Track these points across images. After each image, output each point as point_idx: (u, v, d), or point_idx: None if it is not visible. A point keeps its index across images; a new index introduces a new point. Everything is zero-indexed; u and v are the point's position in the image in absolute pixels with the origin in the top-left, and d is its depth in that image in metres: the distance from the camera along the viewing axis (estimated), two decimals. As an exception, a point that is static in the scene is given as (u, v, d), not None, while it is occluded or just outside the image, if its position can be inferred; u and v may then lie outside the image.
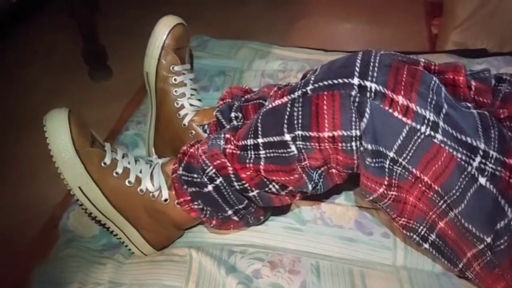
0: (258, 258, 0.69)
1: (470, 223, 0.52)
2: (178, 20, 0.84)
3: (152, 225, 0.69)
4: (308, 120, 0.55)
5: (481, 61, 0.99)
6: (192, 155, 0.66)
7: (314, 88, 0.55)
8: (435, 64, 0.63)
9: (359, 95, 0.52)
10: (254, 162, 0.61)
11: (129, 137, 0.95)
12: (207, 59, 1.17)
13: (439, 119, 0.50)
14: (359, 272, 0.67)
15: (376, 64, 0.53)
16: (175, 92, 0.82)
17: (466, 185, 0.50)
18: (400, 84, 0.51)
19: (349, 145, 0.54)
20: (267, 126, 0.59)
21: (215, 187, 0.65)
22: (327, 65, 0.59)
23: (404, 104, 0.50)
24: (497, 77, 0.64)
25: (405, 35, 1.59)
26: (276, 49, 1.20)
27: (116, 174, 0.65)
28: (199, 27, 1.61)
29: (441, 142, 0.50)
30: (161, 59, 0.82)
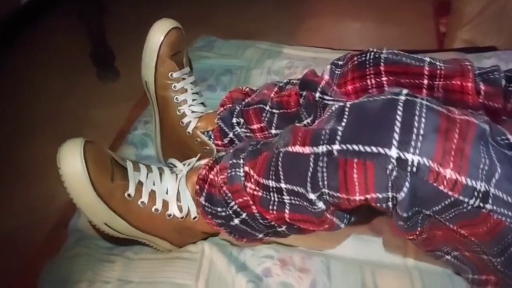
0: (269, 256, 0.68)
1: (506, 269, 0.49)
2: (172, 24, 0.80)
3: (181, 237, 0.69)
4: (335, 182, 0.48)
5: (490, 55, 0.98)
6: (212, 183, 0.63)
7: (342, 150, 0.47)
8: (441, 67, 0.60)
9: (397, 169, 0.44)
10: (278, 208, 0.57)
11: (137, 136, 0.95)
12: (214, 59, 1.17)
13: (490, 186, 0.43)
14: (370, 272, 0.66)
15: (422, 127, 0.44)
16: (176, 100, 0.80)
17: (510, 243, 0.45)
18: (449, 155, 0.43)
19: (385, 205, 0.48)
20: (289, 174, 0.53)
21: (242, 220, 0.62)
22: (356, 112, 0.49)
23: (452, 178, 0.43)
24: (508, 76, 0.61)
25: (413, 34, 1.58)
26: (283, 48, 1.21)
27: (142, 204, 0.63)
28: (206, 27, 1.62)
29: (490, 211, 0.44)
30: (158, 67, 0.79)
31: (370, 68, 0.63)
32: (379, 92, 0.63)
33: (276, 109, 0.73)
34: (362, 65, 0.64)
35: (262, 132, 0.75)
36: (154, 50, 0.78)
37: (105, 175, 0.61)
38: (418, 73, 0.61)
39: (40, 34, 1.89)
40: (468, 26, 1.23)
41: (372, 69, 0.63)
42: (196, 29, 1.51)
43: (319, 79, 0.68)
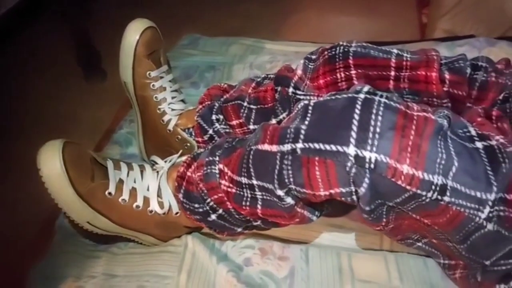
0: (249, 246, 0.71)
1: (470, 254, 0.51)
2: (146, 24, 0.81)
3: (164, 232, 0.71)
4: (300, 179, 0.50)
5: (462, 43, 0.99)
6: (189, 180, 0.64)
7: (304, 149, 0.49)
8: (407, 58, 0.62)
9: (356, 166, 0.46)
10: (251, 204, 0.58)
11: (122, 135, 0.97)
12: (198, 56, 1.19)
13: (448, 179, 0.45)
14: (347, 257, 0.68)
15: (378, 125, 0.46)
16: (155, 99, 0.81)
17: (472, 231, 0.47)
18: (406, 151, 0.45)
19: (349, 198, 0.50)
20: (259, 171, 0.55)
21: (219, 216, 0.64)
22: (319, 111, 0.51)
23: (409, 174, 0.45)
24: (473, 64, 0.63)
25: (397, 25, 1.60)
26: (266, 43, 1.22)
27: (123, 202, 0.64)
28: (192, 25, 1.63)
29: (449, 203, 0.46)
30: (135, 67, 0.80)
31: (339, 62, 0.65)
32: (348, 85, 0.65)
33: (253, 104, 0.75)
34: (332, 59, 0.66)
35: (241, 128, 0.76)
36: (130, 50, 0.79)
37: (85, 175, 0.63)
38: (385, 65, 0.63)
39: (28, 36, 1.90)
40: (447, 16, 1.25)
41: (341, 62, 0.65)
42: (182, 27, 1.52)
43: (292, 75, 0.70)
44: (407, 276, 0.65)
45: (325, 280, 0.65)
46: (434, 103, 0.62)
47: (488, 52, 0.94)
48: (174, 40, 1.32)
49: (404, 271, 0.66)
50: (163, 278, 0.66)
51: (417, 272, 0.65)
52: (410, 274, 0.65)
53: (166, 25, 1.66)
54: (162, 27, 1.65)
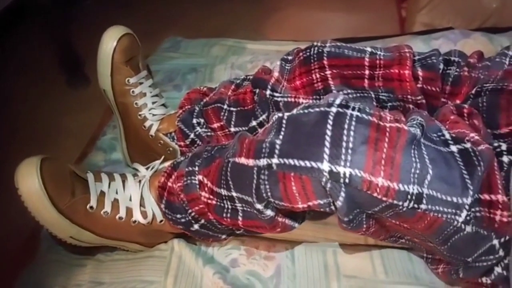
0: (235, 247, 0.71)
1: (451, 254, 0.52)
2: (123, 31, 0.81)
3: (150, 239, 0.71)
4: (278, 194, 0.51)
5: (439, 35, 1.00)
6: (170, 190, 0.64)
7: (280, 164, 0.49)
8: (381, 57, 0.63)
9: (331, 181, 0.47)
10: (232, 215, 0.59)
11: (106, 141, 0.97)
12: (180, 59, 1.20)
13: (423, 187, 0.46)
14: (332, 252, 0.69)
15: (350, 140, 0.46)
16: (136, 105, 0.81)
17: (451, 234, 0.48)
18: (379, 164, 0.45)
19: (328, 209, 0.51)
20: (238, 184, 0.55)
21: (201, 225, 0.64)
22: (292, 126, 0.51)
23: (384, 186, 0.45)
24: (446, 60, 0.64)
25: (377, 20, 1.61)
26: (248, 44, 1.23)
27: (105, 214, 0.64)
28: (175, 27, 1.63)
29: (426, 210, 0.46)
30: (114, 75, 0.80)
31: (314, 63, 0.66)
32: (324, 85, 0.66)
33: (233, 107, 0.75)
34: (307, 60, 0.67)
35: (223, 130, 0.77)
36: (107, 58, 0.79)
37: (64, 190, 0.62)
38: (359, 64, 0.64)
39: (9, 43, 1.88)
40: (425, 9, 1.26)
41: (316, 63, 0.66)
42: (165, 30, 1.52)
43: (269, 77, 0.71)
44: (392, 270, 0.66)
45: (311, 278, 0.66)
46: (408, 99, 0.63)
47: (463, 44, 0.95)
48: (157, 44, 1.32)
49: (389, 264, 0.67)
50: (150, 283, 0.66)
51: (401, 265, 0.66)
52: (395, 267, 0.66)
53: (148, 29, 1.66)
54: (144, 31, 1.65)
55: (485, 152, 0.48)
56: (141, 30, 1.66)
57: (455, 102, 0.62)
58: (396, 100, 0.64)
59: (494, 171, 0.48)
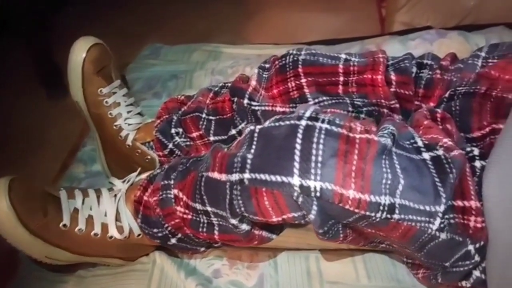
0: (218, 257, 0.71)
1: (428, 259, 0.52)
2: (92, 41, 0.80)
3: (129, 254, 0.70)
4: (251, 208, 0.51)
5: (414, 36, 1.01)
6: (146, 205, 0.64)
7: (251, 180, 0.49)
8: (354, 63, 0.63)
9: (302, 195, 0.47)
10: (208, 230, 0.59)
11: (86, 153, 0.96)
12: (161, 66, 1.19)
13: (395, 197, 0.46)
14: (315, 258, 0.69)
15: (320, 154, 0.46)
16: (110, 115, 0.81)
17: (426, 242, 0.48)
18: (350, 177, 0.45)
19: (303, 221, 0.51)
20: (211, 198, 0.55)
21: (179, 239, 0.64)
22: (263, 140, 0.50)
23: (356, 198, 0.45)
24: (418, 63, 0.65)
25: (359, 20, 1.61)
26: (228, 48, 1.23)
27: (80, 231, 0.63)
28: (157, 33, 1.62)
29: (399, 220, 0.46)
30: (85, 86, 0.79)
31: (290, 71, 0.66)
32: (300, 94, 0.66)
33: (212, 115, 0.75)
34: (283, 69, 0.67)
35: (202, 140, 0.76)
36: (77, 69, 0.78)
37: (35, 210, 0.61)
38: (333, 72, 0.64)
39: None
40: (404, 9, 1.26)
41: (291, 72, 0.66)
42: (146, 36, 1.51)
43: (246, 86, 0.70)
44: (374, 274, 0.66)
45: (295, 285, 0.66)
46: (382, 104, 0.63)
47: (439, 44, 0.96)
48: (140, 51, 1.31)
49: (372, 269, 0.67)
50: (131, 297, 0.66)
51: (384, 269, 0.67)
52: (378, 271, 0.66)
53: (129, 36, 1.65)
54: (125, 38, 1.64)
55: (457, 158, 0.48)
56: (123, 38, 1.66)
57: (429, 104, 0.63)
58: (370, 105, 0.64)
59: (466, 177, 0.48)
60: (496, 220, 0.47)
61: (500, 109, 0.54)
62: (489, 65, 0.59)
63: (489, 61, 0.61)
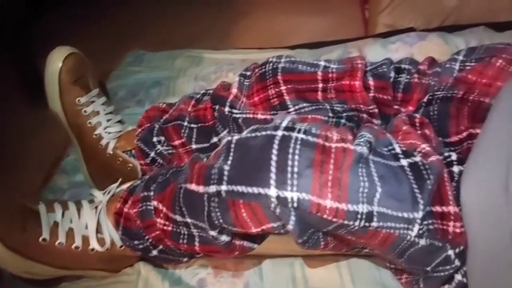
0: (203, 266, 0.70)
1: (409, 265, 0.52)
2: (68, 51, 0.80)
3: (113, 265, 0.69)
4: (230, 220, 0.51)
5: (395, 39, 1.02)
6: (127, 216, 0.63)
7: (228, 191, 0.49)
8: (333, 70, 0.64)
9: (280, 206, 0.47)
10: (188, 242, 0.59)
11: (70, 162, 0.95)
12: (144, 73, 1.18)
13: (373, 205, 0.46)
14: (300, 265, 0.69)
15: (296, 165, 0.46)
16: (89, 124, 0.80)
17: (406, 248, 0.48)
18: (326, 186, 0.46)
19: (282, 230, 0.51)
20: (190, 210, 0.55)
21: (160, 251, 0.63)
22: (240, 151, 0.51)
23: (333, 207, 0.45)
24: (396, 68, 0.66)
25: (342, 22, 1.61)
26: (212, 54, 1.22)
27: (60, 245, 0.62)
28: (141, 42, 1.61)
29: (377, 227, 0.46)
30: (63, 96, 0.79)
31: (269, 79, 0.67)
32: (280, 101, 0.67)
33: (194, 123, 0.74)
34: (263, 77, 0.68)
35: (184, 147, 0.76)
36: (54, 80, 0.79)
37: (13, 226, 0.61)
38: (312, 79, 0.65)
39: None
40: (386, 11, 1.27)
41: (271, 79, 0.67)
42: (130, 43, 1.50)
43: (227, 94, 0.71)
44: (359, 279, 0.66)
45: (280, 292, 0.66)
46: (361, 109, 0.64)
47: (420, 47, 0.96)
48: (123, 58, 1.30)
49: (356, 273, 0.67)
50: (116, 310, 0.65)
51: (369, 274, 0.67)
52: (362, 276, 0.67)
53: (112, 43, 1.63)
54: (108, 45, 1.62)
55: (434, 164, 0.48)
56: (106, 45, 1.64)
57: (407, 108, 0.63)
58: (350, 110, 0.65)
59: (444, 182, 0.48)
60: (474, 224, 0.47)
61: (477, 114, 0.54)
62: (467, 69, 0.60)
63: (466, 65, 0.61)
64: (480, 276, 0.49)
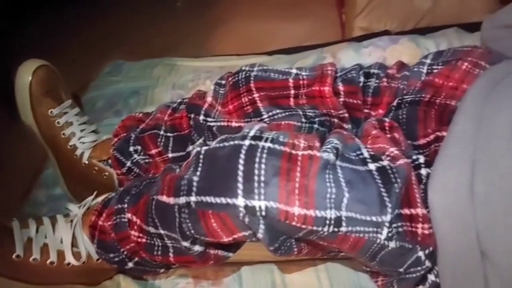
0: (182, 276, 0.70)
1: (382, 267, 0.53)
2: (37, 63, 0.81)
3: (91, 279, 0.69)
4: (201, 230, 0.51)
5: (367, 43, 1.03)
6: (102, 229, 0.63)
7: (198, 202, 0.49)
8: (304, 77, 0.65)
9: (248, 215, 0.47)
10: (163, 253, 0.58)
11: (49, 176, 0.94)
12: (123, 83, 1.18)
13: (341, 211, 0.46)
14: (279, 270, 0.69)
15: (262, 174, 0.47)
16: (63, 135, 0.80)
17: (376, 251, 0.49)
18: (293, 194, 0.46)
19: (254, 238, 0.51)
20: (163, 222, 0.55)
21: (136, 263, 0.63)
22: (208, 162, 0.51)
23: (301, 214, 0.46)
24: (365, 73, 0.67)
25: (320, 27, 1.63)
26: (190, 61, 1.23)
27: (35, 261, 0.62)
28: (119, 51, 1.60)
29: (346, 232, 0.47)
30: (35, 108, 0.79)
31: (242, 87, 0.68)
32: (254, 108, 0.67)
33: (170, 132, 0.75)
34: (236, 85, 0.68)
35: (161, 156, 0.76)
36: (25, 93, 0.79)
37: None
38: (284, 86, 0.66)
39: None
40: (362, 14, 1.28)
41: (244, 87, 0.67)
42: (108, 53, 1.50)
43: (202, 102, 0.71)
44: (337, 282, 0.67)
45: (259, 299, 0.66)
46: (332, 114, 0.65)
47: (392, 50, 0.98)
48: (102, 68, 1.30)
49: (335, 277, 0.68)
50: (95, 323, 0.65)
51: (347, 277, 0.67)
52: (341, 279, 0.67)
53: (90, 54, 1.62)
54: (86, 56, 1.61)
55: (402, 167, 0.49)
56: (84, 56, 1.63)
57: (378, 112, 0.65)
58: (321, 115, 0.66)
59: (412, 185, 0.49)
60: (442, 226, 0.48)
61: (443, 117, 0.55)
62: (434, 72, 0.61)
63: (434, 68, 0.62)
64: (451, 276, 0.50)
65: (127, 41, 1.72)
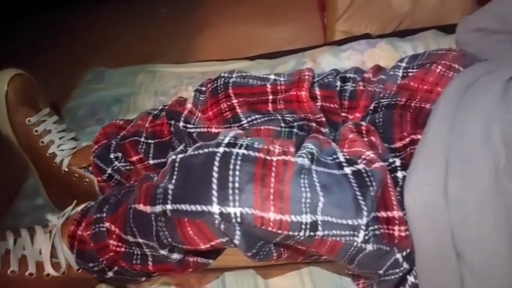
0: (166, 283, 0.70)
1: (361, 270, 0.53)
2: (12, 72, 0.81)
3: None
4: (178, 238, 0.50)
5: (346, 48, 1.05)
6: (81, 239, 0.63)
7: (173, 210, 0.49)
8: (281, 83, 0.66)
9: (224, 221, 0.47)
10: (142, 262, 0.58)
11: (30, 186, 0.93)
12: (105, 90, 1.17)
13: (317, 215, 0.46)
14: (262, 275, 0.70)
15: (237, 180, 0.47)
16: (42, 143, 0.80)
17: (354, 254, 0.49)
18: (268, 199, 0.46)
19: (232, 245, 0.51)
20: (140, 230, 0.54)
21: (116, 272, 0.63)
22: (183, 169, 0.51)
23: (276, 220, 0.46)
24: (342, 77, 0.68)
25: (303, 31, 1.63)
26: (172, 68, 1.23)
27: (13, 273, 0.61)
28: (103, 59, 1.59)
29: (323, 236, 0.47)
30: (12, 117, 0.79)
31: (221, 93, 0.68)
32: (233, 114, 0.68)
33: (151, 139, 0.75)
34: (215, 91, 0.69)
35: (142, 163, 0.76)
36: (1, 102, 0.79)
37: None
38: (262, 91, 0.67)
39: None
40: (343, 18, 1.29)
41: (223, 94, 0.68)
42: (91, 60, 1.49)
43: (182, 109, 0.71)
44: (320, 286, 0.68)
45: (244, 304, 0.66)
46: (310, 118, 0.66)
47: (370, 54, 0.99)
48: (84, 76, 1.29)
49: (318, 281, 0.68)
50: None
51: (330, 280, 0.68)
52: (324, 283, 0.68)
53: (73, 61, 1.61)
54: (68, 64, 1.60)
55: (378, 170, 0.49)
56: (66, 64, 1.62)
57: (355, 115, 0.65)
58: (300, 120, 0.67)
59: (388, 188, 0.50)
60: (419, 228, 0.49)
61: (418, 120, 0.56)
62: (409, 75, 0.62)
63: (409, 71, 0.63)
64: (428, 277, 0.50)
65: (110, 48, 1.71)
